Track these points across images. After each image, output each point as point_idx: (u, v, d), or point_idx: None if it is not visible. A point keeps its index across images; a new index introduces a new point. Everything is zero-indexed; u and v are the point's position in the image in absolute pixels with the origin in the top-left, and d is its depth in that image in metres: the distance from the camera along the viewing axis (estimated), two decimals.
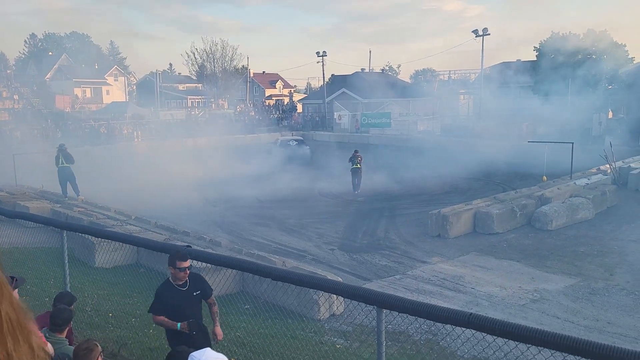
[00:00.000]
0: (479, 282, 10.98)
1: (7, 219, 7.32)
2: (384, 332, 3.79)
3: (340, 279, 8.30)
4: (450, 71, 56.91)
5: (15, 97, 48.76)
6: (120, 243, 7.08)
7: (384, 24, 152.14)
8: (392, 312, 3.77)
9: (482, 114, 40.58)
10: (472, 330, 3.36)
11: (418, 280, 11.12)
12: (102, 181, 21.32)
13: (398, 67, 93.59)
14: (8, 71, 59.71)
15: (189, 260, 5.01)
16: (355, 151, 22.35)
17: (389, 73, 79.50)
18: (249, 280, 9.06)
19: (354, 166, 21.80)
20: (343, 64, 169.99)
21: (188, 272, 5.02)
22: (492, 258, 12.77)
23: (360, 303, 3.96)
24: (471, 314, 3.35)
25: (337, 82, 56.75)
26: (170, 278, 5.09)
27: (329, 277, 7.71)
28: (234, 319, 7.48)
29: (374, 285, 10.18)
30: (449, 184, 22.67)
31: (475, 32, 41.61)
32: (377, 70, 68.16)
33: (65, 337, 4.27)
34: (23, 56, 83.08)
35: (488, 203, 16.03)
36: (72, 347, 3.65)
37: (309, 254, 13.40)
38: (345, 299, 7.97)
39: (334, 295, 7.77)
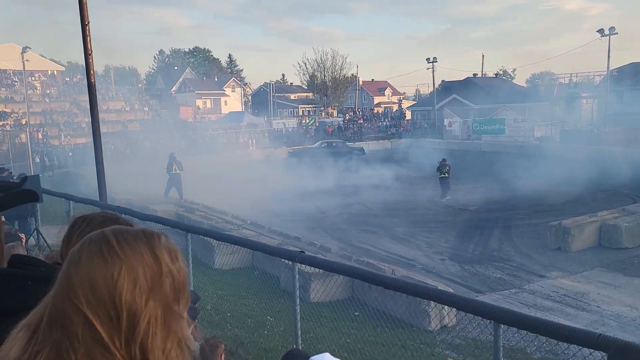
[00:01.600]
0: (605, 300, 10.15)
1: (140, 220, 7.99)
2: (501, 348, 3.64)
3: (451, 290, 8.09)
4: (571, 74, 53.38)
5: (145, 109, 53.24)
6: (238, 246, 7.45)
7: (497, 27, 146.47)
8: (510, 328, 3.61)
9: (607, 118, 37.52)
10: (602, 352, 3.12)
11: (536, 295, 10.52)
12: (219, 187, 22.58)
13: (513, 71, 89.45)
14: (139, 85, 65.48)
15: None
16: (443, 160, 21.88)
17: (503, 78, 76.22)
18: (358, 287, 9.11)
19: (442, 175, 21.40)
20: (454, 70, 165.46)
21: None
22: (620, 275, 11.74)
23: (474, 316, 3.83)
24: (600, 334, 3.12)
25: (448, 88, 55.44)
26: None
27: (439, 288, 7.55)
28: (343, 325, 7.56)
29: (488, 299, 9.78)
30: (570, 194, 21.16)
31: (600, 31, 38.69)
32: (491, 75, 65.70)
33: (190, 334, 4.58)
34: (152, 71, 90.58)
35: (616, 215, 14.78)
36: (197, 343, 3.89)
37: (418, 263, 13.19)
38: (457, 311, 7.76)
39: (446, 307, 7.58)
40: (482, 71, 64.03)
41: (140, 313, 0.86)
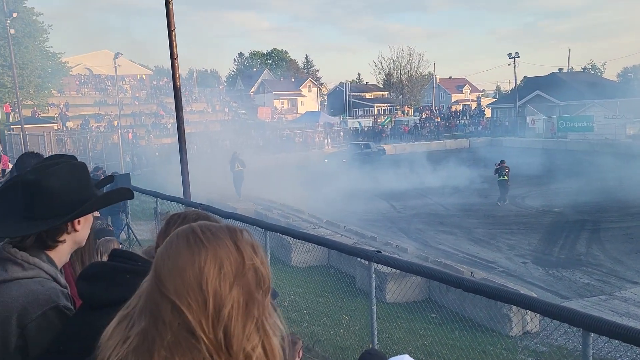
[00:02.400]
0: None
1: (221, 218, 8.28)
2: (591, 358, 3.44)
3: (534, 295, 7.75)
4: None
5: (226, 109, 55.07)
6: (314, 244, 7.52)
7: (585, 19, 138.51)
8: (600, 336, 3.41)
9: None
10: None
11: (628, 303, 9.85)
12: (296, 185, 22.92)
13: (603, 65, 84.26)
14: (220, 87, 67.85)
15: None
16: (502, 162, 20.34)
17: (592, 72, 71.97)
18: (435, 288, 8.94)
19: (501, 178, 20.02)
20: (537, 65, 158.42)
21: None
22: None
23: (561, 323, 3.65)
24: None
25: (531, 85, 53.09)
26: None
27: (521, 292, 7.25)
28: (420, 327, 7.45)
29: (574, 305, 9.27)
30: None
31: None
32: (578, 69, 62.25)
33: None
34: (232, 73, 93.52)
35: None
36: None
37: (499, 265, 12.74)
38: (541, 317, 7.42)
39: (528, 312, 7.27)
40: (568, 66, 60.90)
41: (225, 298, 0.91)
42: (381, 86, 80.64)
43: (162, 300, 0.92)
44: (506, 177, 19.97)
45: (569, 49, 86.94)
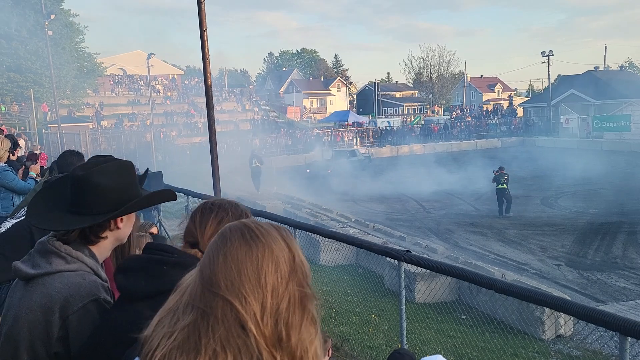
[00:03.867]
0: None
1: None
2: None
3: (567, 297, 7.59)
4: None
5: (255, 109, 55.49)
6: (343, 243, 7.52)
7: (623, 16, 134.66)
8: (638, 341, 3.31)
9: None
10: None
11: None
12: (324, 185, 22.97)
13: None
14: (250, 86, 68.45)
15: None
16: (500, 168, 18.84)
17: (630, 70, 69.97)
18: (465, 289, 8.84)
19: (500, 186, 18.38)
20: (571, 63, 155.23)
21: None
22: None
23: (596, 327, 3.56)
24: None
25: (565, 83, 51.93)
26: None
27: (554, 294, 7.10)
28: (450, 328, 7.38)
29: (610, 309, 9.04)
30: None
31: None
32: (614, 67, 60.60)
33: None
34: (262, 72, 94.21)
35: None
36: None
37: (531, 267, 12.51)
38: (574, 320, 7.26)
39: (561, 315, 7.13)
40: (604, 64, 59.35)
41: (283, 293, 0.93)
42: (411, 85, 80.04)
43: (214, 295, 0.93)
44: (505, 185, 18.33)
45: (605, 47, 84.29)
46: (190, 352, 0.92)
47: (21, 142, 11.07)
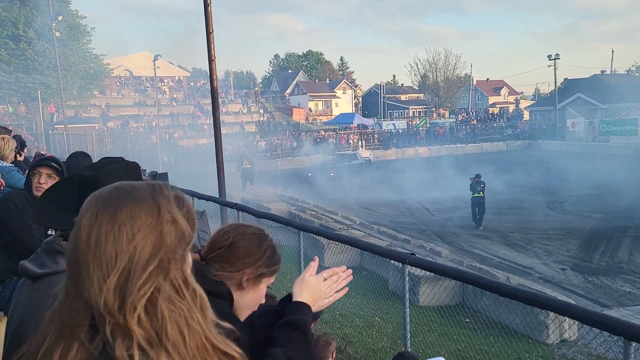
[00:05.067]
0: None
1: (255, 218, 8.36)
2: None
3: (572, 302, 7.56)
4: None
5: (261, 111, 55.59)
6: (347, 246, 7.52)
7: (630, 19, 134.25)
8: None
9: None
10: None
11: None
12: (326, 188, 22.98)
13: None
14: (256, 88, 68.59)
15: None
16: (477, 175, 17.96)
17: (637, 74, 69.69)
18: (469, 293, 8.83)
19: (476, 194, 17.46)
20: (578, 67, 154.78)
21: None
22: None
23: (600, 332, 3.55)
24: None
25: (571, 87, 51.73)
26: None
27: (559, 298, 7.08)
28: (453, 331, 7.37)
29: (615, 313, 9.00)
30: None
31: None
32: (621, 71, 60.41)
33: None
34: (268, 74, 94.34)
35: None
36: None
37: (536, 271, 12.47)
38: (578, 324, 7.23)
39: (565, 319, 7.11)
40: (611, 68, 59.18)
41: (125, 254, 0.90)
42: (416, 88, 79.97)
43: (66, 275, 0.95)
44: (482, 194, 17.45)
45: (612, 51, 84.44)
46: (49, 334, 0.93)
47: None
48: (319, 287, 1.49)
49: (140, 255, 0.90)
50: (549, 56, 48.76)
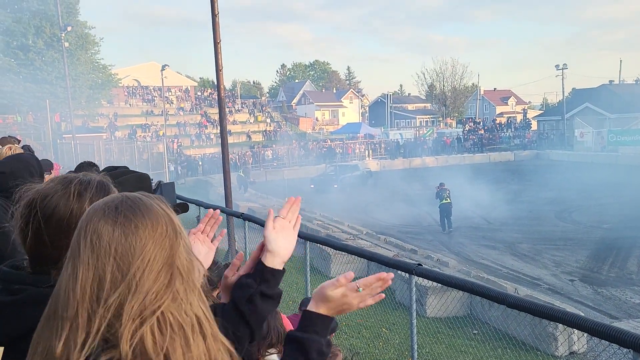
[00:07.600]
0: None
1: (260, 227, 8.37)
2: None
3: (581, 314, 7.48)
4: None
5: (268, 120, 55.76)
6: (354, 256, 7.49)
7: (638, 29, 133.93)
8: None
9: None
10: None
11: None
12: (331, 198, 22.95)
13: None
14: (263, 98, 68.88)
15: None
16: (441, 184, 18.98)
17: None
18: (476, 304, 8.75)
19: (443, 201, 18.37)
20: (586, 77, 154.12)
21: None
22: None
23: (609, 344, 3.50)
24: None
25: (579, 97, 51.57)
26: None
27: (568, 310, 7.01)
28: (461, 343, 7.31)
29: (625, 325, 8.88)
30: None
31: None
32: (630, 81, 60.15)
33: None
34: (275, 84, 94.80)
35: None
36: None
37: (544, 282, 12.37)
38: (587, 337, 7.14)
39: (575, 331, 7.03)
40: (619, 77, 58.93)
41: None
42: (423, 98, 79.95)
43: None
44: (448, 200, 18.37)
45: (620, 60, 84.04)
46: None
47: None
48: (348, 301, 1.20)
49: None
50: (557, 66, 48.67)
